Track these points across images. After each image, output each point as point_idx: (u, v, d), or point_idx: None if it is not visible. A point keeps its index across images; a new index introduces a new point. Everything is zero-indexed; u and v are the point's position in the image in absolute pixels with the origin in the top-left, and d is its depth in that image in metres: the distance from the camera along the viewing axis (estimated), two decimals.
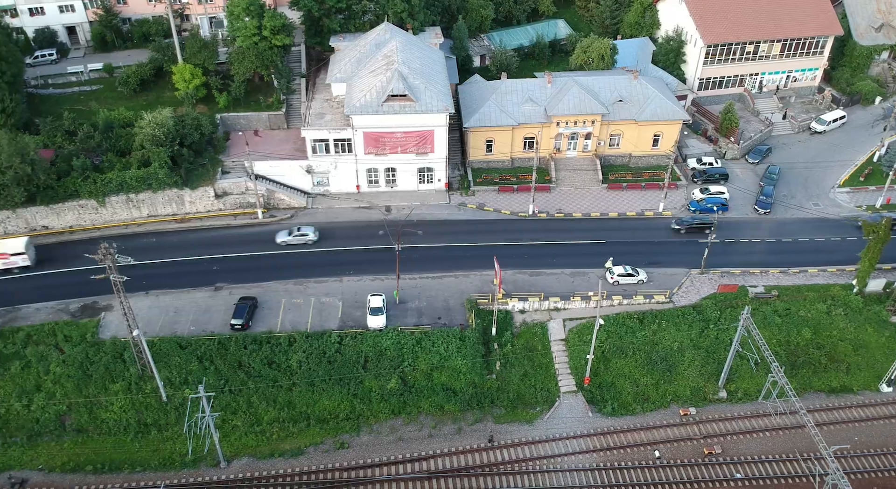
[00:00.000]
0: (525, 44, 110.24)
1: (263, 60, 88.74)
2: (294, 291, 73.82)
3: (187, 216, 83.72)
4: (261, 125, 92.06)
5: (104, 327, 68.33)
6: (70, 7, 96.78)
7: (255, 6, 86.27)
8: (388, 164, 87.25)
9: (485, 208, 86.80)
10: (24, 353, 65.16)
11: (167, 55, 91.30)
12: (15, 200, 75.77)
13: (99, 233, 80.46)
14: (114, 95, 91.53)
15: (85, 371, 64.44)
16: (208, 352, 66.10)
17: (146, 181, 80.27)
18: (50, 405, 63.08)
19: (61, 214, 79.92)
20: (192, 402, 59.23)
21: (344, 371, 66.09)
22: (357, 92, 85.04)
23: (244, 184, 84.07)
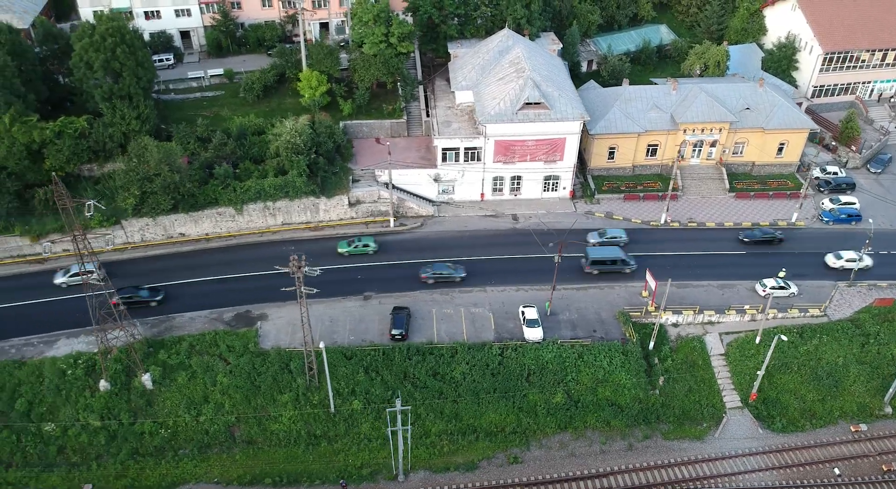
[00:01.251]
0: (632, 49, 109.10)
1: (389, 68, 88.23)
2: (441, 301, 73.22)
3: (320, 224, 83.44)
4: (382, 133, 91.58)
5: (263, 337, 68.02)
6: (186, 11, 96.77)
7: (385, 13, 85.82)
8: (514, 172, 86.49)
9: (614, 217, 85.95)
10: (189, 364, 65.01)
11: (290, 61, 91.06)
12: (162, 208, 75.77)
13: (235, 240, 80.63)
14: (236, 102, 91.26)
15: (252, 382, 64.16)
16: (374, 363, 65.66)
17: (283, 189, 79.95)
18: (218, 417, 62.88)
19: (199, 222, 79.75)
20: (390, 415, 58.71)
21: (508, 384, 65.43)
22: (489, 100, 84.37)
23: (377, 192, 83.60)
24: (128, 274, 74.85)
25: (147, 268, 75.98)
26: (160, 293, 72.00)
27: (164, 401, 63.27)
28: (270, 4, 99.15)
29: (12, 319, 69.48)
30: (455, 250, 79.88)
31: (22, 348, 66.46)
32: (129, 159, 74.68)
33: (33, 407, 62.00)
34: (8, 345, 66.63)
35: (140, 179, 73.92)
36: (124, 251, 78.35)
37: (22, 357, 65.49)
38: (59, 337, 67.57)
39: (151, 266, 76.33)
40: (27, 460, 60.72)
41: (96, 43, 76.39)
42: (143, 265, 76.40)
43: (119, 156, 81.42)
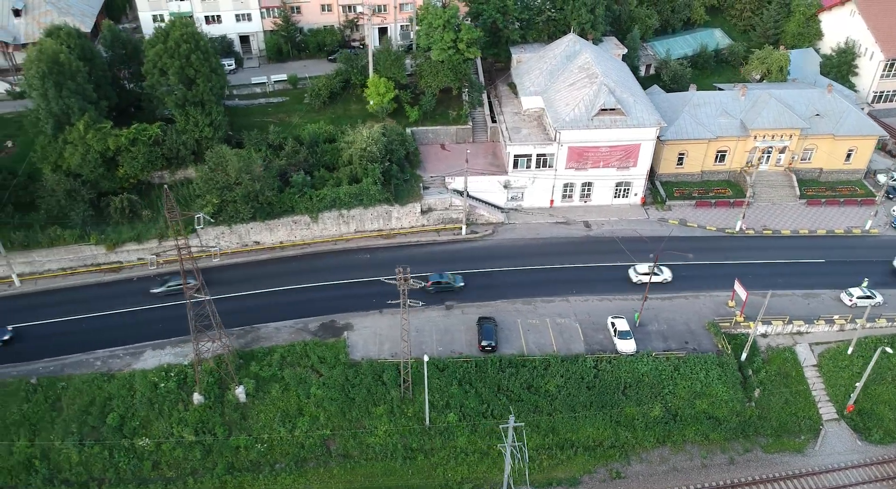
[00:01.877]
0: (689, 53, 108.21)
1: (457, 73, 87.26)
2: (524, 311, 72.18)
3: (392, 232, 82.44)
4: (448, 139, 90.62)
5: (352, 347, 66.96)
6: (247, 16, 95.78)
7: (454, 19, 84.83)
8: (585, 178, 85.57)
9: (688, 224, 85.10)
10: (281, 376, 63.97)
11: (356, 67, 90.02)
12: (241, 217, 74.71)
13: (311, 248, 79.60)
14: (301, 108, 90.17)
15: (346, 394, 63.09)
16: (466, 375, 64.61)
17: (358, 197, 78.92)
18: (314, 430, 61.82)
19: (274, 230, 78.69)
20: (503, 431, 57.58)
21: (604, 397, 64.45)
22: (561, 106, 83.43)
23: (449, 199, 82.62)
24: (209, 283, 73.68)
25: (226, 276, 74.83)
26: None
27: (258, 415, 62.20)
28: (330, 9, 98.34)
29: (95, 331, 68.41)
30: (529, 258, 78.82)
31: (108, 360, 65.41)
32: (206, 167, 73.72)
33: (125, 421, 60.92)
34: (92, 358, 65.61)
35: (220, 188, 72.88)
36: (199, 260, 77.40)
37: (109, 369, 64.44)
38: (145, 348, 66.58)
39: (230, 274, 75.38)
40: (120, 476, 59.59)
41: (170, 49, 75.37)
42: (220, 274, 75.35)
43: (191, 163, 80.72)
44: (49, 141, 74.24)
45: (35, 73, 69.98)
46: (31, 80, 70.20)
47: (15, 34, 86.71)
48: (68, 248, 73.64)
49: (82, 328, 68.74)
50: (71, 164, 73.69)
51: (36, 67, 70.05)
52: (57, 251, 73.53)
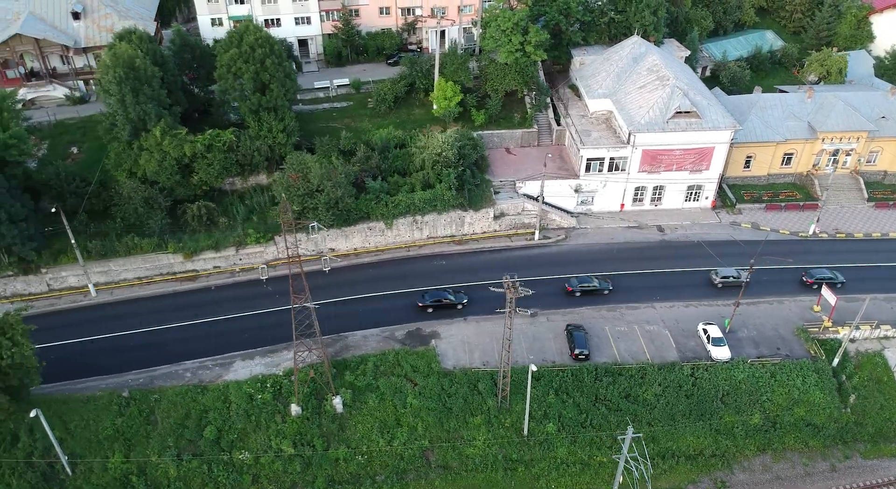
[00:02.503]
0: (743, 55, 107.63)
1: (525, 76, 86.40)
2: (610, 318, 71.40)
3: (464, 237, 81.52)
4: (513, 142, 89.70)
5: (442, 356, 66.00)
6: (306, 19, 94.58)
7: (523, 21, 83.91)
8: (657, 181, 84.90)
9: (760, 228, 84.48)
10: (376, 386, 63.00)
11: (420, 71, 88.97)
12: (325, 224, 73.65)
13: (386, 255, 78.57)
14: (365, 112, 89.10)
15: (444, 404, 62.16)
16: (563, 384, 63.80)
17: (432, 203, 77.99)
18: (412, 441, 60.88)
19: (350, 237, 77.63)
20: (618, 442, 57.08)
21: (703, 405, 63.73)
22: (634, 109, 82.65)
23: (521, 204, 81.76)
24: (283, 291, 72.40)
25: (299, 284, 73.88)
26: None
27: (356, 426, 61.18)
28: (388, 12, 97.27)
29: (179, 341, 67.30)
30: (606, 263, 77.98)
31: (197, 372, 64.29)
32: (286, 174, 72.48)
33: (222, 434, 59.79)
34: (182, 369, 64.49)
35: (301, 195, 71.75)
36: (276, 267, 76.35)
37: (200, 381, 63.33)
38: (234, 359, 65.50)
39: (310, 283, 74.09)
40: None
41: (245, 53, 74.19)
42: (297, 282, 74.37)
43: (264, 170, 79.62)
44: (123, 148, 73.04)
45: (112, 78, 68.69)
46: (108, 85, 68.90)
47: (75, 38, 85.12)
48: (145, 257, 72.47)
49: (166, 339, 67.61)
50: (147, 170, 72.48)
51: (113, 72, 68.82)
52: (134, 260, 72.36)
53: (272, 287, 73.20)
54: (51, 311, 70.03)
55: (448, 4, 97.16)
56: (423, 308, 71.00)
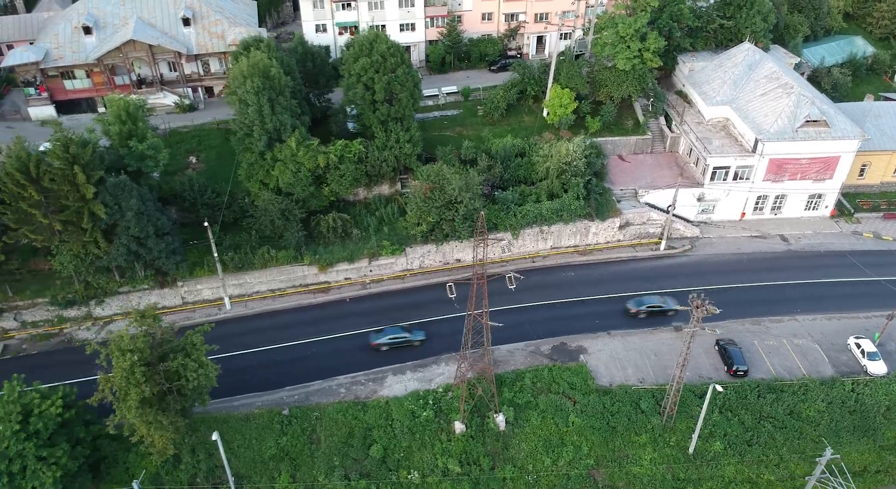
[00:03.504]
0: (839, 61, 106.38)
1: (642, 83, 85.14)
2: (756, 331, 69.96)
3: (588, 248, 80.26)
4: (627, 150, 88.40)
5: (595, 372, 64.66)
6: (410, 26, 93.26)
7: (644, 28, 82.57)
8: (779, 190, 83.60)
9: (882, 237, 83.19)
10: (536, 403, 61.71)
11: (531, 78, 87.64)
12: (461, 236, 72.29)
13: (511, 266, 77.06)
14: (477, 120, 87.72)
15: (607, 422, 60.95)
16: (726, 402, 62.51)
17: (559, 213, 76.70)
18: (577, 459, 59.54)
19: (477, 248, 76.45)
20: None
21: (866, 421, 62.44)
22: (760, 117, 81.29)
23: (647, 214, 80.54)
24: (421, 303, 71.85)
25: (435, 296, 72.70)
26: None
27: (520, 444, 59.86)
28: (490, 18, 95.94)
29: (325, 355, 65.98)
30: (737, 274, 76.42)
31: (351, 387, 62.96)
32: (422, 185, 71.06)
33: (388, 453, 58.56)
34: (335, 385, 63.20)
35: (438, 207, 70.40)
36: (404, 279, 75.09)
37: (356, 397, 61.97)
38: (385, 373, 64.20)
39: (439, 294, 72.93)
40: None
41: (376, 62, 72.98)
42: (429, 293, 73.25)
43: (388, 180, 78.31)
44: (255, 159, 71.71)
45: (250, 87, 67.29)
46: (246, 95, 67.47)
47: (186, 44, 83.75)
48: (280, 269, 71.11)
49: (311, 352, 66.28)
50: (280, 182, 71.14)
51: (250, 82, 67.46)
52: (269, 272, 70.98)
53: (411, 298, 72.63)
54: (188, 325, 68.66)
55: (551, 10, 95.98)
56: (376, 347, 66.43)
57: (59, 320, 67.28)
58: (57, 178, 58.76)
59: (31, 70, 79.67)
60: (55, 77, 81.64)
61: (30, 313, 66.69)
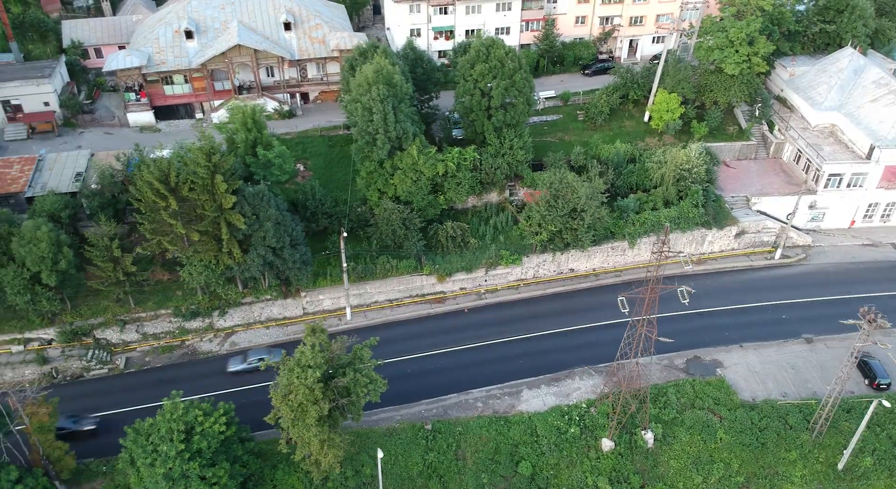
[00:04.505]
0: None
1: (750, 88, 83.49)
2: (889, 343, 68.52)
3: (702, 257, 78.65)
4: (731, 155, 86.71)
5: (735, 387, 63.07)
6: (506, 30, 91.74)
7: (756, 33, 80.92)
8: (892, 198, 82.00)
9: None
10: (681, 419, 60.16)
11: (634, 82, 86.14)
12: (584, 245, 70.86)
13: (626, 275, 75.44)
14: (577, 125, 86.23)
15: (756, 438, 59.33)
16: (874, 416, 60.64)
17: (676, 221, 75.16)
18: (728, 477, 57.84)
19: (592, 257, 74.82)
20: None
21: None
22: (875, 123, 79.44)
23: (763, 222, 78.86)
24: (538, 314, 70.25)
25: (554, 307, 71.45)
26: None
27: (669, 462, 58.21)
28: (584, 22, 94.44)
29: (455, 368, 64.48)
30: (855, 284, 74.34)
31: (488, 401, 61.41)
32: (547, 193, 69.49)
33: (537, 470, 57.01)
34: (471, 398, 61.63)
35: (562, 215, 68.89)
36: (518, 289, 73.62)
37: (494, 412, 60.43)
38: (520, 387, 62.61)
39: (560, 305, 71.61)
40: None
41: (494, 68, 71.55)
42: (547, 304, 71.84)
43: (497, 187, 76.87)
44: (374, 167, 70.35)
45: (376, 95, 65.87)
46: (372, 102, 65.95)
47: (288, 49, 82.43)
48: (400, 279, 69.76)
49: (439, 365, 64.75)
50: (400, 190, 69.82)
51: (376, 89, 66.02)
52: (388, 282, 69.60)
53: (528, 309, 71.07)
54: None
55: (646, 13, 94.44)
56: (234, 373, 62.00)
57: (180, 332, 66.12)
58: (197, 187, 57.59)
59: (133, 75, 78.56)
60: (155, 82, 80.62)
61: (152, 325, 65.52)
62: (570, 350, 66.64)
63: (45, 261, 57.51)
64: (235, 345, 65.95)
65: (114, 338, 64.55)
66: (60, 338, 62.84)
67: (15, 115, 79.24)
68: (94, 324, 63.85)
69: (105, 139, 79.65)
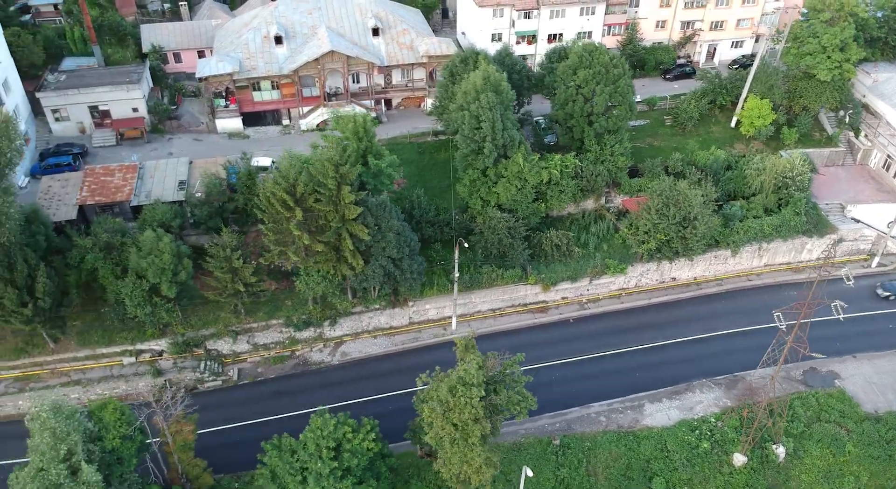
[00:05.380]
0: None
1: (841, 94, 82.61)
2: None
3: (800, 265, 77.79)
4: (819, 162, 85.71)
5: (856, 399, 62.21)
6: (588, 34, 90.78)
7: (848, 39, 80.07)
8: None
9: None
10: (810, 433, 59.28)
11: (722, 88, 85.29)
12: (694, 254, 69.96)
13: (729, 284, 74.62)
14: (665, 131, 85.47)
15: (885, 451, 58.43)
16: None
17: (779, 229, 74.27)
18: None
19: (695, 266, 73.81)
20: None
21: None
22: None
23: (861, 230, 77.99)
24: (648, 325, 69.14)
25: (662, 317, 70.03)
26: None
27: (800, 476, 57.18)
28: (664, 26, 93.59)
29: (569, 380, 63.63)
30: None
31: (610, 415, 60.44)
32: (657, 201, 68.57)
33: (670, 486, 56.03)
34: (592, 412, 60.65)
35: (675, 224, 67.96)
36: (621, 298, 72.78)
37: (619, 426, 59.44)
38: (642, 401, 61.55)
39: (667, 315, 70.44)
40: None
41: (599, 74, 70.65)
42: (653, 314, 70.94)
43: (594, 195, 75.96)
44: (477, 175, 69.45)
45: (486, 102, 64.97)
46: (481, 110, 65.09)
47: (378, 55, 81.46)
48: (504, 289, 68.81)
49: (555, 377, 63.97)
50: (504, 198, 68.92)
51: (485, 97, 65.09)
52: (493, 292, 68.60)
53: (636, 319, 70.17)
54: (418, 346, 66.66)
55: (727, 18, 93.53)
56: None
57: (290, 342, 65.16)
58: (323, 198, 56.61)
59: (224, 81, 77.54)
60: (244, 88, 79.64)
61: (262, 335, 64.59)
62: (684, 362, 65.63)
63: (165, 272, 56.72)
64: (347, 356, 65.19)
65: (224, 348, 63.66)
66: (172, 349, 61.98)
67: (102, 120, 78.35)
68: (205, 335, 63.07)
69: (194, 145, 78.68)
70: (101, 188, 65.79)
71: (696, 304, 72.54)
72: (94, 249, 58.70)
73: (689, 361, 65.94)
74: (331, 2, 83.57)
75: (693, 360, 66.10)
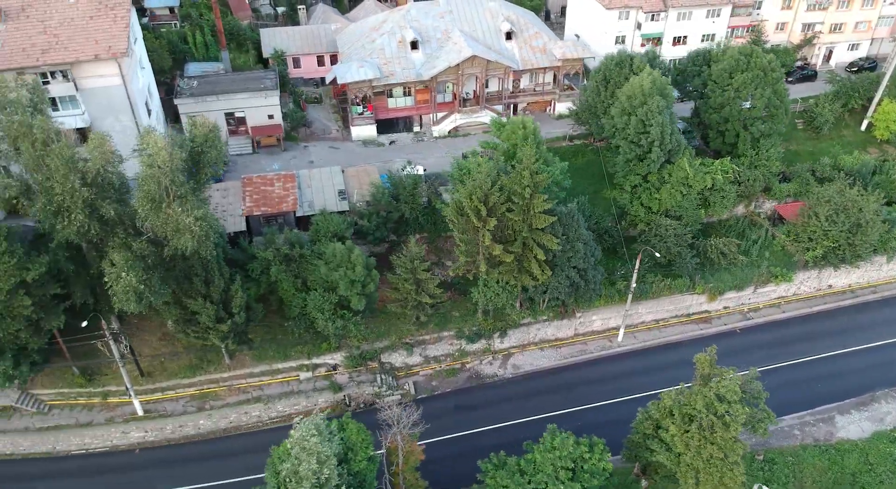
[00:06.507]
0: None
1: None
2: None
3: None
4: None
5: None
6: (710, 37, 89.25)
7: None
8: None
9: None
10: None
11: (855, 91, 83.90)
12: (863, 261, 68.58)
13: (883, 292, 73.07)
14: (798, 135, 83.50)
15: None
16: None
17: None
18: None
19: (850, 273, 71.84)
20: None
21: None
22: None
23: None
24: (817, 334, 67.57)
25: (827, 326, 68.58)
26: None
27: None
28: (783, 28, 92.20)
29: None
30: None
31: (804, 428, 58.90)
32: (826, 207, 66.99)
33: None
34: (785, 426, 58.74)
35: (844, 231, 66.49)
36: (781, 306, 71.24)
37: (815, 439, 57.83)
38: (830, 413, 60.06)
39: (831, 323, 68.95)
40: None
41: (757, 77, 69.01)
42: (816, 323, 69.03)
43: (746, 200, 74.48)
44: (639, 181, 68.01)
45: (655, 107, 63.49)
46: (649, 115, 63.62)
47: (512, 59, 79.60)
48: (671, 298, 67.35)
49: None
50: (668, 204, 67.48)
51: (654, 101, 63.49)
52: (659, 302, 67.07)
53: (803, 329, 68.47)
54: (586, 360, 65.07)
55: (847, 21, 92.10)
56: None
57: (460, 354, 63.54)
58: (516, 207, 55.12)
59: (363, 87, 75.96)
60: (380, 94, 78.04)
61: (434, 348, 63.01)
62: (859, 372, 64.07)
63: (355, 284, 55.18)
64: (519, 369, 63.60)
65: (398, 361, 62.12)
66: (347, 362, 60.34)
67: (237, 128, 76.74)
68: (379, 348, 61.53)
69: (332, 153, 76.94)
70: (263, 198, 64.10)
71: (857, 312, 70.92)
72: (276, 261, 57.27)
73: (867, 370, 64.33)
74: (461, 5, 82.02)
75: (870, 369, 64.45)
